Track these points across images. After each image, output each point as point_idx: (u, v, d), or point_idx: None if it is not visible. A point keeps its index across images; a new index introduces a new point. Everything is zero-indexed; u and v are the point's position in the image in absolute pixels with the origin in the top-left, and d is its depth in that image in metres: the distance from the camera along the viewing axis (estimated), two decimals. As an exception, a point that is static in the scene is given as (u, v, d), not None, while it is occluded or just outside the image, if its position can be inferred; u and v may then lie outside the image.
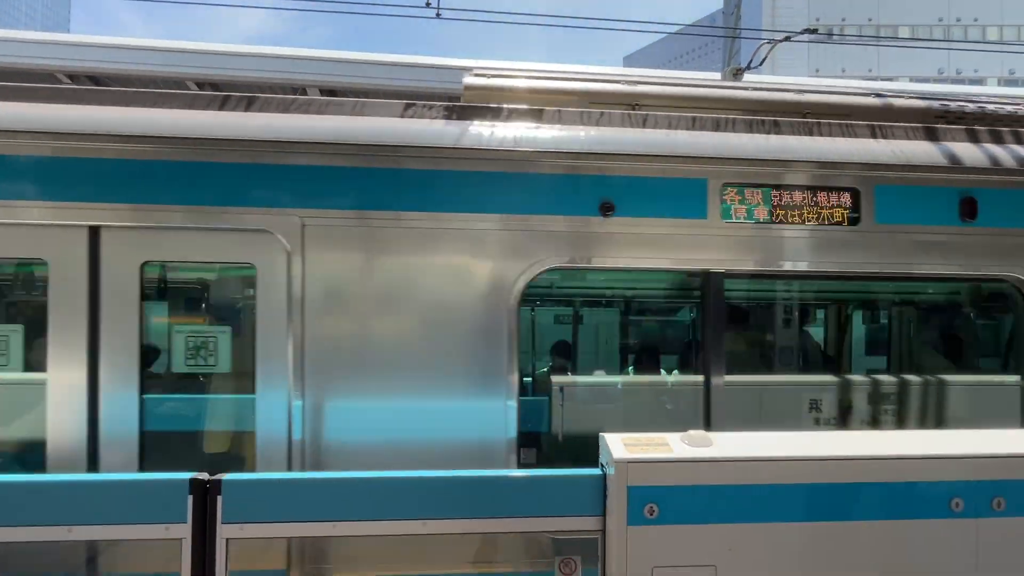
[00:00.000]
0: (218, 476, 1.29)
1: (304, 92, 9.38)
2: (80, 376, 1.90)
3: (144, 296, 2.02)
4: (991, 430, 1.56)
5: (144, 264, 2.00)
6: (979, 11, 42.36)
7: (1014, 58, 38.39)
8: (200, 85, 9.03)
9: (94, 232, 1.93)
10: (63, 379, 1.91)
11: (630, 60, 69.71)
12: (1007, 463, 1.40)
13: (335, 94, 9.04)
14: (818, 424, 2.39)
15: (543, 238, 2.11)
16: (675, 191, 2.17)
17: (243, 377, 2.06)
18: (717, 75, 7.40)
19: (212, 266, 2.30)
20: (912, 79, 29.42)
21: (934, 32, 40.57)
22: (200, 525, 1.26)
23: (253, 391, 1.99)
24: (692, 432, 1.41)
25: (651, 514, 1.29)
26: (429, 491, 1.35)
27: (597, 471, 1.39)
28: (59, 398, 1.92)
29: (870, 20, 42.71)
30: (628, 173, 2.16)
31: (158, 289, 2.27)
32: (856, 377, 3.11)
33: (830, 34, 41.79)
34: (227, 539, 1.26)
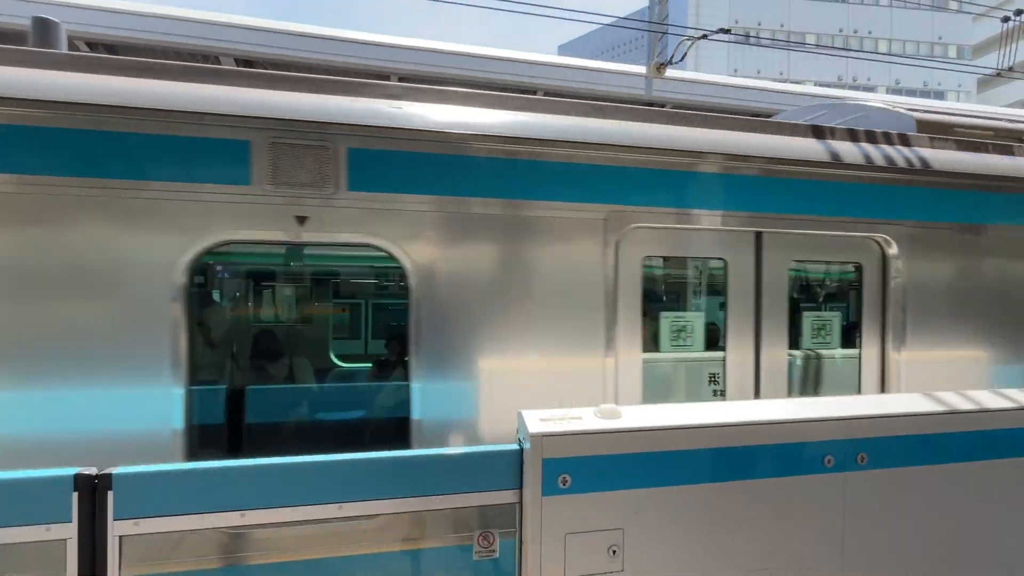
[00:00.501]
0: (108, 470, 1.20)
1: (218, 61, 8.66)
2: (749, 352, 2.36)
3: (790, 288, 2.53)
4: (858, 395, 1.76)
5: (792, 262, 2.52)
6: (872, 24, 46.76)
7: (900, 69, 42.86)
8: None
9: (758, 237, 2.41)
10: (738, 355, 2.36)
11: (565, 49, 70.58)
12: (871, 423, 1.60)
13: (251, 65, 8.43)
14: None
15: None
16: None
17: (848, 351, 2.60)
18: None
19: (831, 265, 2.91)
20: (816, 83, 32.07)
21: (835, 41, 44.35)
22: (89, 523, 1.17)
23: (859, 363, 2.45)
24: (604, 406, 1.49)
25: (564, 484, 1.35)
26: (345, 474, 1.33)
27: (515, 447, 1.43)
28: (737, 370, 2.34)
29: (782, 26, 45.95)
30: None
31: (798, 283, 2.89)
32: None
33: (746, 36, 44.49)
34: (120, 536, 1.17)
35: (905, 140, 2.68)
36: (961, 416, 1.69)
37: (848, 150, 2.53)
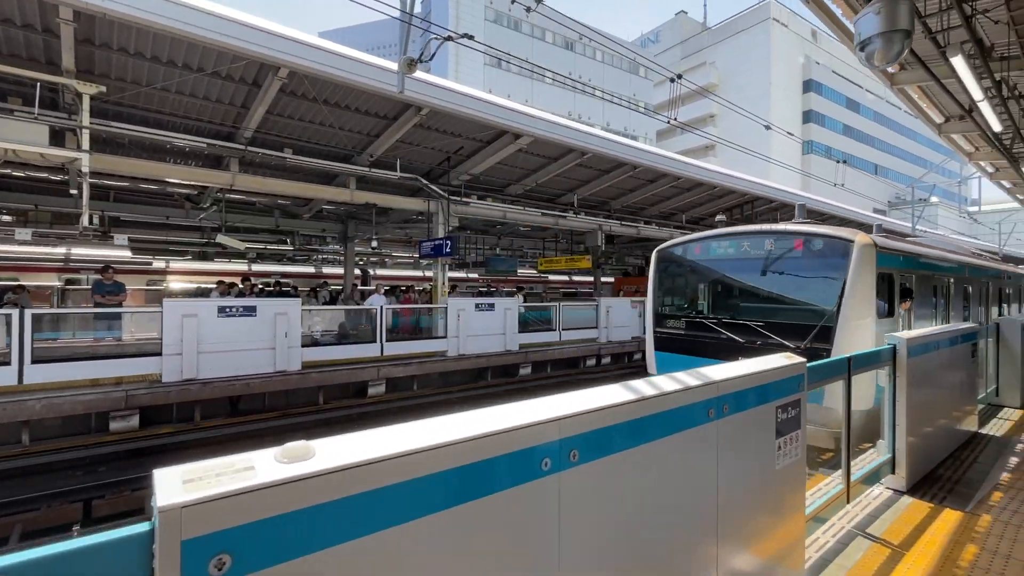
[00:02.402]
0: None
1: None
2: None
3: None
4: (567, 393, 1.81)
5: None
6: (592, 74, 57.39)
7: (611, 113, 53.69)
8: None
9: None
10: None
11: (327, 36, 66.10)
12: (579, 420, 1.64)
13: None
14: None
15: None
16: None
17: None
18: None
19: None
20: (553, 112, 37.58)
21: (567, 81, 52.88)
22: None
23: None
24: (291, 444, 1.14)
25: (220, 569, 0.95)
26: None
27: (144, 527, 0.96)
28: None
29: (527, 59, 52.58)
30: None
31: None
32: None
33: (498, 61, 49.26)
34: None
35: None
36: (649, 401, 1.90)
37: None
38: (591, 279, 24.61)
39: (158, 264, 18.88)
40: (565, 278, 31.09)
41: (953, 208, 63.72)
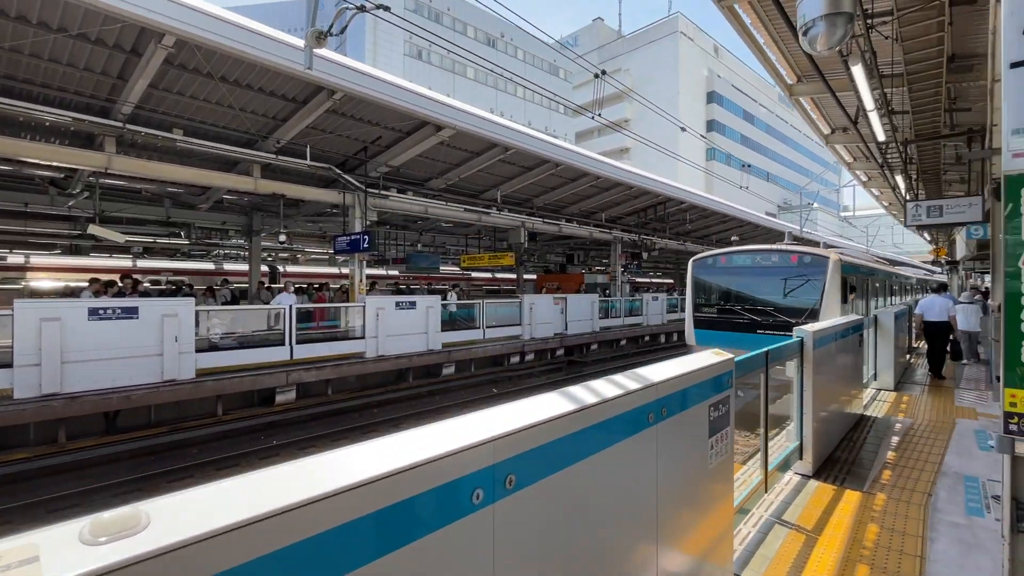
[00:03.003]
0: None
1: None
2: None
3: None
4: (499, 406, 1.56)
5: None
6: (513, 71, 57.72)
7: (531, 112, 54.37)
8: None
9: None
10: None
11: (238, 10, 60.51)
12: (516, 439, 1.39)
13: None
14: None
15: None
16: None
17: None
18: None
19: None
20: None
21: (488, 78, 52.76)
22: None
23: None
24: (110, 514, 0.78)
25: None
26: None
27: None
28: None
29: (449, 53, 51.63)
30: None
31: None
32: None
33: (418, 52, 48.05)
34: None
35: None
36: (591, 410, 1.70)
37: None
38: (514, 276, 24.69)
39: (14, 260, 16.17)
40: (488, 275, 30.98)
41: (830, 212, 71.85)
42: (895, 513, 3.88)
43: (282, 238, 14.61)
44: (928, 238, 24.49)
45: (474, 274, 29.56)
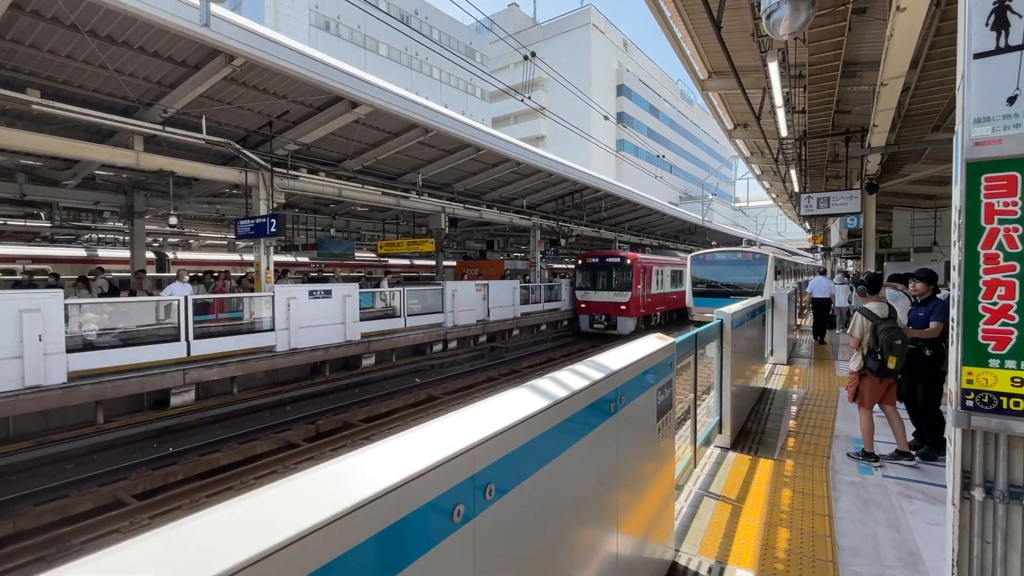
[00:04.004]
0: None
1: None
2: None
3: None
4: (475, 406, 1.41)
5: None
6: (430, 55, 56.08)
7: (447, 95, 53.21)
8: None
9: None
10: None
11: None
12: (494, 445, 1.25)
13: None
14: None
15: None
16: None
17: None
18: None
19: None
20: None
21: (402, 57, 50.74)
22: None
23: None
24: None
25: None
26: None
27: None
28: None
29: (359, 27, 48.77)
30: None
31: None
32: None
33: (326, 24, 44.99)
34: None
35: None
36: (561, 405, 1.59)
37: None
38: (433, 263, 24.17)
39: None
40: (406, 262, 30.09)
41: (725, 203, 78.39)
42: (803, 477, 4.26)
43: (173, 220, 13.01)
44: (808, 228, 27.46)
45: (391, 260, 28.56)
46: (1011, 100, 1.68)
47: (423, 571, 1.01)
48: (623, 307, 19.30)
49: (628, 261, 19.50)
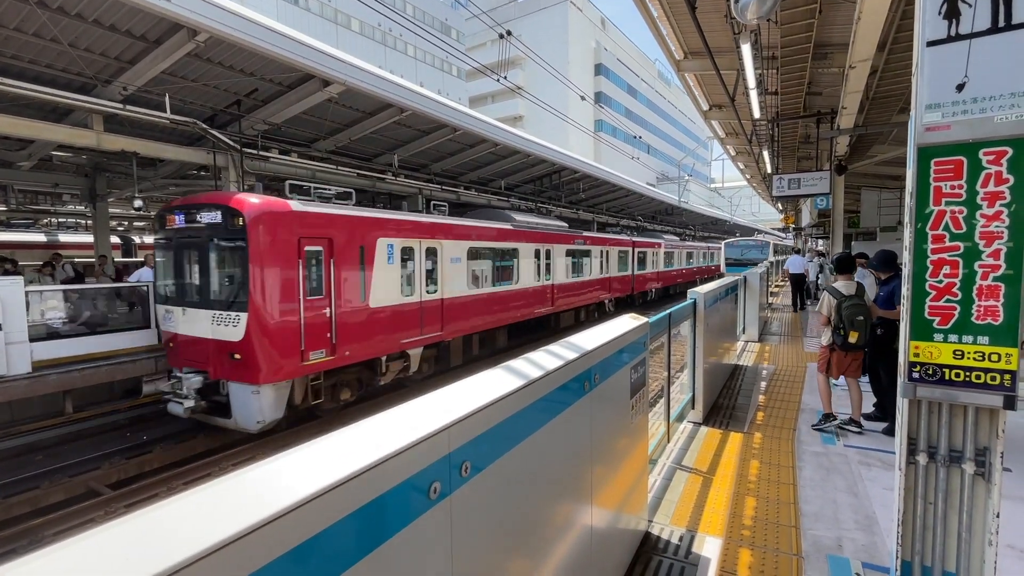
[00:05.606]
0: None
1: None
2: None
3: None
4: (453, 386, 1.45)
5: None
6: (404, 32, 54.64)
7: (423, 74, 52.06)
8: None
9: None
10: None
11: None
12: (470, 423, 1.29)
13: None
14: None
15: None
16: None
17: None
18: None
19: None
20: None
21: (376, 33, 49.29)
22: None
23: None
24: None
25: None
26: None
27: None
28: None
29: (329, 1, 47.07)
30: None
31: None
32: None
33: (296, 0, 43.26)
34: None
35: None
36: (536, 385, 1.65)
37: None
38: (412, 245, 23.86)
39: None
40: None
41: (701, 184, 79.26)
42: (770, 448, 4.45)
43: (138, 203, 12.54)
44: (780, 208, 28.07)
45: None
46: (959, 87, 1.76)
47: (401, 545, 1.06)
48: (240, 354, 6.99)
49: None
